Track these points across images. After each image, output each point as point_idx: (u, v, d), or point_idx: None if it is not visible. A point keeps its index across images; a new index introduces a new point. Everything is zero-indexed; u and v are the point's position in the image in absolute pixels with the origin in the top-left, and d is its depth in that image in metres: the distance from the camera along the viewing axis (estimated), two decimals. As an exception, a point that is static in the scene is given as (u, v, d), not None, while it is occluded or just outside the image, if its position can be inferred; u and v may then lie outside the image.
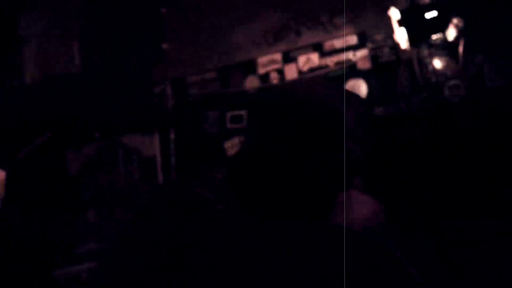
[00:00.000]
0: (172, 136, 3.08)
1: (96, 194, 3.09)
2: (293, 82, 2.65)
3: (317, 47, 3.07)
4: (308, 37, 3.08)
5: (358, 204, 0.98)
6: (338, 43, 3.04)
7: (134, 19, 3.17)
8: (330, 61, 3.04)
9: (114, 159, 3.08)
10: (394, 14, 2.89)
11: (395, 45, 2.96)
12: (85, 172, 3.12)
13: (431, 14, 2.79)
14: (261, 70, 3.11)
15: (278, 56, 3.10)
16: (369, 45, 3.01)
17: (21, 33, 3.16)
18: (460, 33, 2.90)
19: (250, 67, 3.13)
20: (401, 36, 2.92)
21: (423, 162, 2.76)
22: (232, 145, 3.01)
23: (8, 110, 3.10)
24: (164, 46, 3.11)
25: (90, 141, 3.12)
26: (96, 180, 3.10)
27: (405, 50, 2.92)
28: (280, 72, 3.09)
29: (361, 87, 2.98)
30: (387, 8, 2.92)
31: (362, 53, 3.01)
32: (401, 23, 2.87)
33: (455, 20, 2.91)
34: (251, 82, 3.11)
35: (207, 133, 3.09)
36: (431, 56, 2.94)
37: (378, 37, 3.01)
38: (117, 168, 3.07)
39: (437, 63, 2.94)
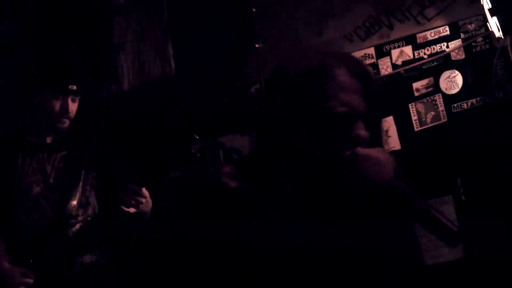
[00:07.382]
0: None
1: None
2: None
3: (410, 40, 3.12)
4: (400, 30, 3.13)
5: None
6: (430, 35, 3.09)
7: (226, 19, 3.22)
8: (424, 53, 3.09)
9: (215, 159, 3.20)
10: (486, 2, 2.92)
11: (489, 34, 3.00)
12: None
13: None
14: (355, 65, 3.16)
15: (371, 51, 3.16)
16: (462, 35, 3.05)
17: (116, 40, 3.23)
18: (553, 18, 2.93)
19: (344, 62, 3.17)
20: (494, 25, 2.96)
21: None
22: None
23: (111, 115, 3.22)
24: (257, 45, 3.17)
25: (191, 143, 3.22)
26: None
27: (499, 38, 2.95)
28: (374, 66, 3.15)
29: (456, 78, 3.05)
30: (479, -3, 2.95)
31: (455, 44, 3.06)
32: (493, 11, 2.91)
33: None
34: (346, 77, 3.17)
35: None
36: (526, 43, 2.98)
37: (471, 26, 3.05)
38: (219, 167, 3.18)
39: (532, 50, 2.98)
